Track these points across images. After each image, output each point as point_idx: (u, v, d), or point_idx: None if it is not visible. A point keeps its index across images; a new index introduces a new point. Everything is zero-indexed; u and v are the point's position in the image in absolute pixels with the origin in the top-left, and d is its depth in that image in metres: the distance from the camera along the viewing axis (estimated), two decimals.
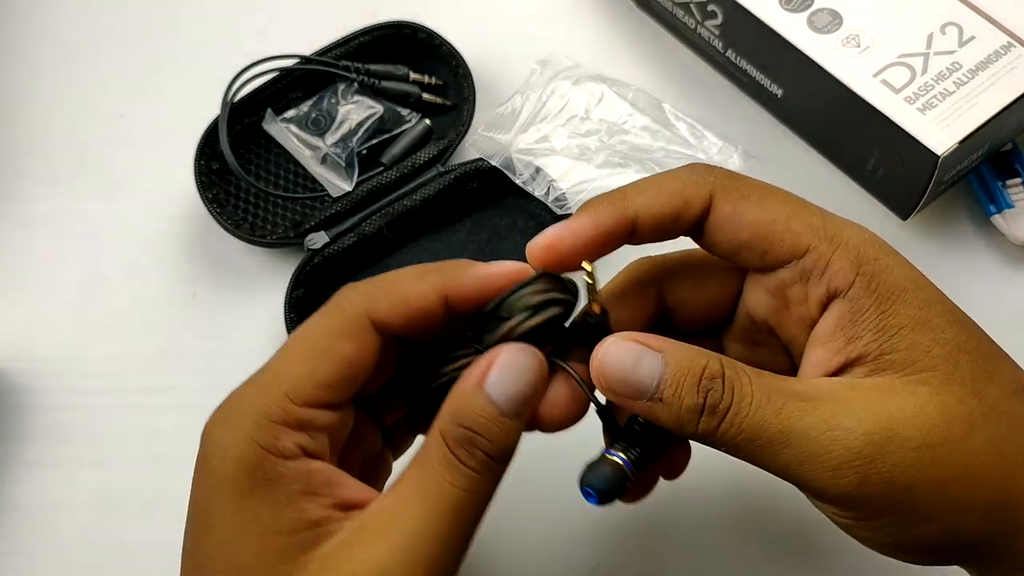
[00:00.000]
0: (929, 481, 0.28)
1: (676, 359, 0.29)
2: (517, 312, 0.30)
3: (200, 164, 0.49)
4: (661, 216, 0.31)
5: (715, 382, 0.29)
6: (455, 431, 0.29)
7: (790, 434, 0.28)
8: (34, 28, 0.57)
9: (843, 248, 0.30)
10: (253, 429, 0.29)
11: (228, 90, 0.49)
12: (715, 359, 0.29)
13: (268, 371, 0.30)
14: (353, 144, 0.50)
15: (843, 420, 0.28)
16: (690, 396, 0.29)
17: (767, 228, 0.31)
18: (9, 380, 0.47)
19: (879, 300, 0.30)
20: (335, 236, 0.48)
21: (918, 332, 0.29)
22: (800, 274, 0.31)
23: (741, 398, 0.28)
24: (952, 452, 0.28)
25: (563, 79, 0.51)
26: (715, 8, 0.50)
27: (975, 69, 0.44)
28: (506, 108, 0.50)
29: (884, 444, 0.27)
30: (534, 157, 0.49)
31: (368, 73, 0.51)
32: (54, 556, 0.44)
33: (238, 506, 0.28)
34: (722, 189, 0.31)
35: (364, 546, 0.28)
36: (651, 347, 0.29)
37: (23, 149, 0.53)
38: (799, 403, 0.28)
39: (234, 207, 0.50)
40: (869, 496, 0.28)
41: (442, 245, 0.49)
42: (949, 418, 0.28)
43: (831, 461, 0.28)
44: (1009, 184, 0.47)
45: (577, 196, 0.48)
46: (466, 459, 0.29)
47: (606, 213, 0.31)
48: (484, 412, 0.29)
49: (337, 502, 0.30)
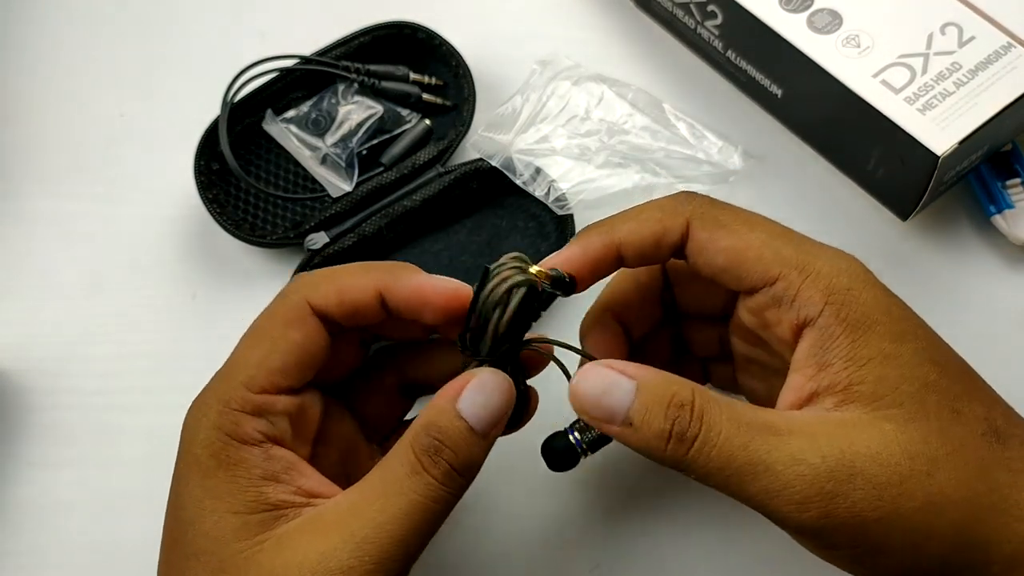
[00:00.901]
0: (892, 514, 0.29)
1: (648, 386, 0.30)
2: (490, 312, 0.32)
3: (200, 164, 0.49)
4: (643, 243, 0.33)
5: (684, 410, 0.30)
6: (424, 439, 0.30)
7: (757, 466, 0.29)
8: (34, 28, 0.57)
9: (813, 277, 0.31)
10: (216, 417, 0.31)
11: (228, 90, 0.49)
12: (687, 387, 0.30)
13: (229, 362, 0.33)
14: (353, 144, 0.50)
15: (808, 456, 0.29)
16: (658, 422, 0.30)
17: (740, 255, 0.32)
18: (9, 380, 0.47)
19: (849, 329, 0.30)
20: (335, 236, 0.48)
21: (887, 366, 0.30)
22: (772, 300, 0.32)
23: (710, 428, 0.29)
24: (916, 487, 0.29)
25: (563, 79, 0.51)
26: (715, 8, 0.50)
27: (975, 69, 0.44)
28: (506, 108, 0.50)
29: (847, 481, 0.28)
30: (534, 157, 0.49)
31: (368, 73, 0.51)
32: (54, 556, 0.44)
33: (203, 486, 0.31)
34: (699, 217, 0.33)
35: (319, 533, 0.30)
36: (625, 374, 0.31)
37: (23, 149, 0.53)
38: (768, 436, 0.29)
39: (234, 207, 0.50)
40: (832, 528, 0.29)
41: (442, 246, 0.49)
42: (912, 455, 0.29)
43: (795, 496, 0.29)
44: (1009, 184, 0.47)
45: (578, 196, 0.48)
46: (430, 467, 0.30)
47: (596, 242, 0.33)
48: (453, 426, 0.31)
49: (298, 490, 0.31)
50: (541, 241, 0.49)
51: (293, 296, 0.33)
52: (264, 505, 0.31)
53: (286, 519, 0.31)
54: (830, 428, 0.29)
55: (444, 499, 0.31)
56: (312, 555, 0.29)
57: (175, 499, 0.32)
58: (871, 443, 0.29)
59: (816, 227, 0.51)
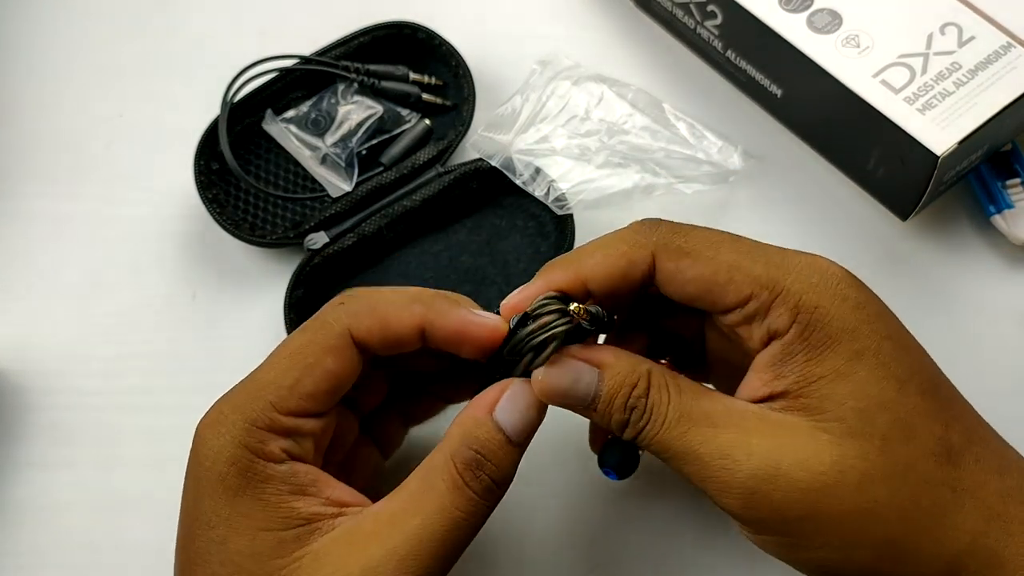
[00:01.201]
0: (818, 517, 0.30)
1: (611, 375, 0.32)
2: (524, 353, 0.33)
3: (200, 164, 0.49)
4: (609, 277, 0.33)
5: (640, 400, 0.32)
6: (465, 453, 0.31)
7: (688, 455, 0.31)
8: (34, 28, 0.57)
9: (783, 296, 0.32)
10: (242, 435, 0.31)
11: (228, 90, 0.49)
12: (644, 378, 0.32)
13: (255, 379, 0.32)
14: (353, 144, 0.50)
15: (735, 451, 0.30)
16: (618, 413, 0.32)
17: (710, 282, 0.32)
18: (9, 380, 0.47)
19: (808, 348, 0.31)
20: (335, 236, 0.48)
21: (836, 383, 0.31)
22: (744, 318, 0.33)
23: (656, 418, 0.31)
24: (845, 496, 0.30)
25: (563, 79, 0.51)
26: (715, 8, 0.50)
27: (975, 69, 0.44)
28: (506, 108, 0.50)
29: (769, 480, 0.30)
30: (534, 158, 0.49)
31: (368, 73, 0.51)
32: (54, 556, 0.44)
33: (231, 504, 0.30)
34: (663, 249, 0.33)
35: (358, 547, 0.30)
36: (591, 362, 0.32)
37: (23, 149, 0.53)
38: (703, 428, 0.31)
39: (234, 207, 0.50)
40: (755, 519, 0.31)
41: (442, 246, 0.49)
42: (843, 468, 0.30)
43: (719, 485, 0.31)
44: (1009, 184, 0.47)
45: (577, 196, 0.48)
46: (472, 481, 0.31)
47: (559, 277, 0.34)
48: (492, 438, 0.32)
49: (327, 500, 0.31)
50: (541, 241, 0.49)
51: (335, 325, 0.33)
52: (297, 520, 0.30)
53: (320, 532, 0.30)
54: (766, 427, 0.31)
55: (483, 514, 0.32)
56: (354, 570, 0.29)
57: (198, 516, 0.31)
58: (802, 449, 0.30)
59: (816, 227, 0.51)
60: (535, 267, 0.47)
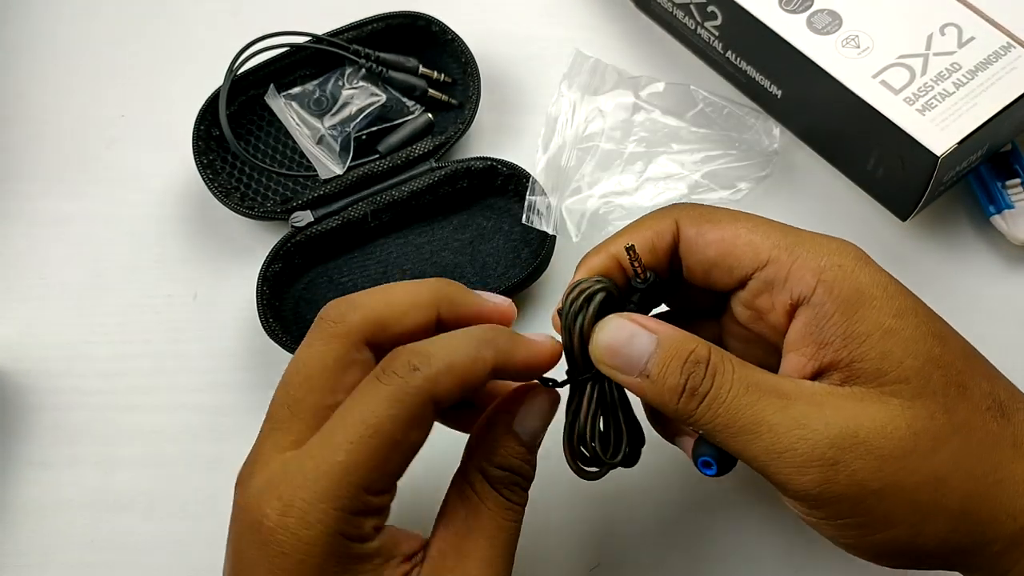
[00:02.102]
0: (895, 487, 0.29)
1: (668, 340, 0.31)
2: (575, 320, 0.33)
3: (200, 129, 0.49)
4: (639, 250, 0.34)
5: (699, 367, 0.30)
6: (499, 475, 0.33)
7: (760, 426, 0.29)
8: (36, 30, 0.57)
9: (803, 257, 0.31)
10: (336, 524, 0.29)
11: (236, 59, 0.49)
12: (704, 346, 0.31)
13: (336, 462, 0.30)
14: (351, 129, 0.49)
15: (812, 421, 0.29)
16: (673, 376, 0.31)
17: (729, 244, 0.33)
18: (10, 380, 0.47)
19: (843, 305, 0.30)
20: (320, 217, 0.48)
21: (888, 341, 0.30)
22: (764, 284, 0.32)
23: (721, 385, 0.30)
24: (920, 462, 0.29)
25: (589, 94, 0.50)
26: (715, 9, 0.50)
27: (974, 70, 0.44)
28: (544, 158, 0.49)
29: (849, 449, 0.29)
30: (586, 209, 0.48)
31: (377, 60, 0.51)
32: (55, 556, 0.44)
33: None
34: (685, 217, 0.34)
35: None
36: (647, 328, 0.32)
37: (24, 149, 0.53)
38: (774, 399, 0.30)
39: (228, 175, 0.50)
40: (832, 496, 0.29)
41: (426, 239, 0.49)
42: (917, 431, 0.29)
43: (796, 458, 0.29)
44: (1009, 184, 0.47)
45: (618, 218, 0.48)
46: (512, 496, 0.33)
47: (596, 261, 0.34)
48: (518, 453, 0.33)
49: (403, 558, 0.32)
50: (523, 247, 0.49)
51: (417, 395, 0.30)
52: None
53: None
54: (836, 400, 0.30)
55: (522, 514, 0.33)
56: None
57: None
58: (877, 416, 0.29)
59: (816, 227, 0.51)
60: (513, 272, 0.48)
